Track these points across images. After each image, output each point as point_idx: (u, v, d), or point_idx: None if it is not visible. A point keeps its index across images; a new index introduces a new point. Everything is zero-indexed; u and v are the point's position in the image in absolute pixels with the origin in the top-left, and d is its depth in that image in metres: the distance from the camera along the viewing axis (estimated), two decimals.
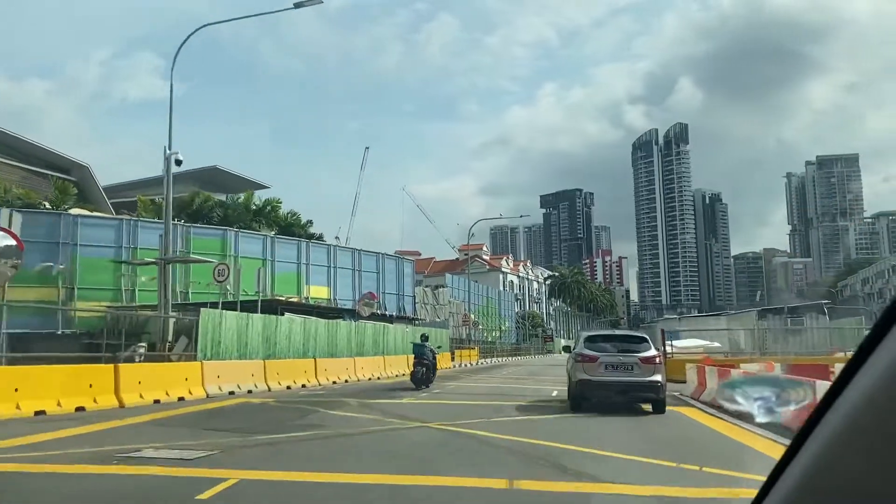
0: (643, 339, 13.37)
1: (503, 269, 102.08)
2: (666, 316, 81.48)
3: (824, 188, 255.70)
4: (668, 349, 23.94)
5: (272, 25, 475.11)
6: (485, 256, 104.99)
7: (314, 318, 22.42)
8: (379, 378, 25.40)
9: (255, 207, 37.96)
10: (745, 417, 8.43)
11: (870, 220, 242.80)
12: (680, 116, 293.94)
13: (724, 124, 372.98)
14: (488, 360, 48.29)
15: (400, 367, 28.54)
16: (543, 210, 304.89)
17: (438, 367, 23.95)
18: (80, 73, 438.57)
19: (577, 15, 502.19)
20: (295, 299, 29.95)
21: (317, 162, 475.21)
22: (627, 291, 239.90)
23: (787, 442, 1.14)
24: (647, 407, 12.63)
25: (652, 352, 12.81)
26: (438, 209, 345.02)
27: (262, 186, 48.02)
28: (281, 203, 39.01)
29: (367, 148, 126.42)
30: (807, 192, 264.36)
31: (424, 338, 20.42)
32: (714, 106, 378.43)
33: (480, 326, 60.84)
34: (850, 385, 0.95)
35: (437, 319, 46.15)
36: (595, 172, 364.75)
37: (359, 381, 23.63)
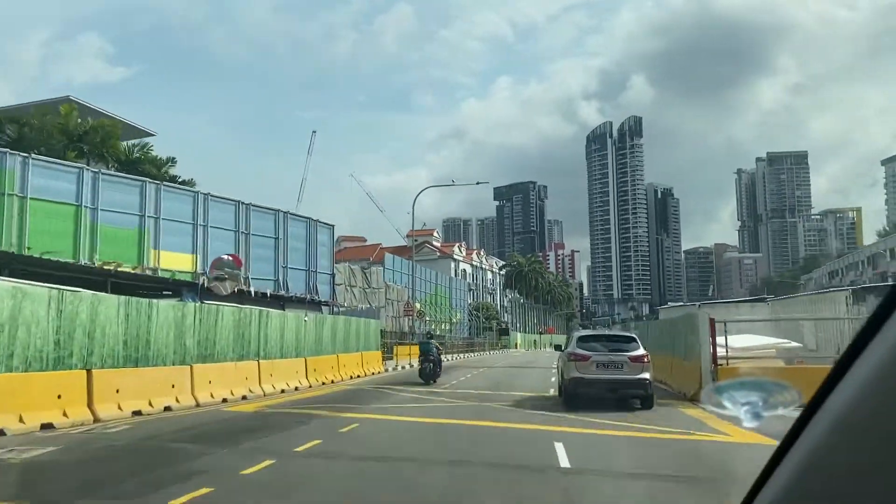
0: (632, 339, 14.31)
1: (455, 257, 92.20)
2: (670, 304, 71.89)
3: (774, 185, 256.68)
4: (721, 350, 14.73)
5: (222, 9, 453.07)
6: (435, 243, 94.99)
7: (90, 292, 11.67)
8: (245, 397, 15.20)
9: (78, 132, 24.82)
10: None
11: (818, 216, 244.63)
12: (633, 112, 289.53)
13: (675, 121, 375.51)
14: None
15: (292, 375, 18.27)
16: (497, 202, 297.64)
17: (363, 372, 23.83)
18: (18, 55, 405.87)
19: (533, 10, 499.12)
20: (112, 265, 18.89)
21: (265, 152, 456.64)
22: (581, 285, 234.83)
23: None
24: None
25: (640, 351, 13.49)
26: (391, 200, 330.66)
27: (144, 133, 36.62)
28: (119, 131, 26.60)
29: (315, 132, 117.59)
30: (756, 188, 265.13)
31: (429, 335, 25.06)
32: (666, 103, 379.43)
33: (427, 318, 50.98)
34: (843, 380, 0.90)
35: (366, 306, 35.72)
36: (549, 168, 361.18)
37: (198, 405, 13.46)
